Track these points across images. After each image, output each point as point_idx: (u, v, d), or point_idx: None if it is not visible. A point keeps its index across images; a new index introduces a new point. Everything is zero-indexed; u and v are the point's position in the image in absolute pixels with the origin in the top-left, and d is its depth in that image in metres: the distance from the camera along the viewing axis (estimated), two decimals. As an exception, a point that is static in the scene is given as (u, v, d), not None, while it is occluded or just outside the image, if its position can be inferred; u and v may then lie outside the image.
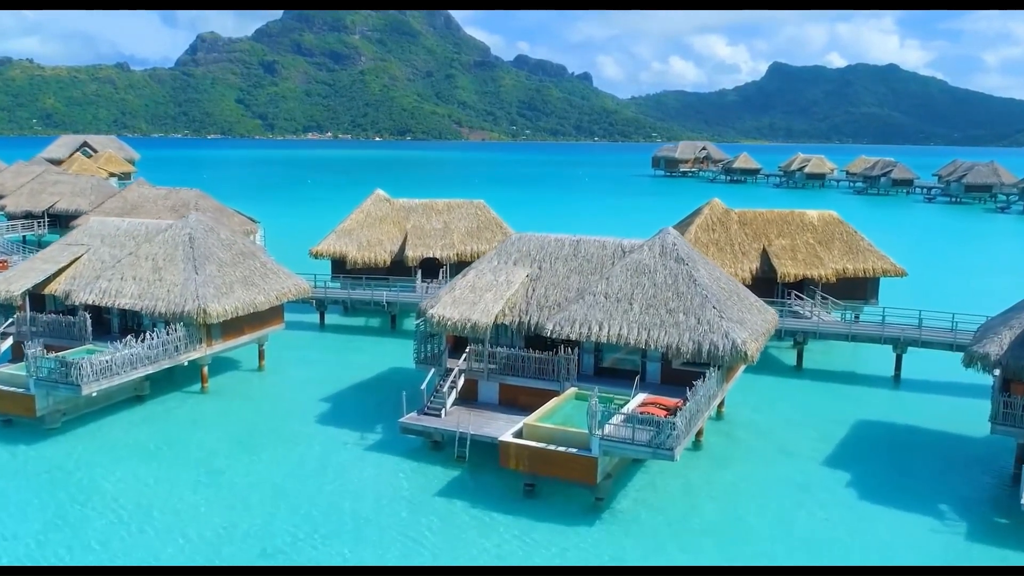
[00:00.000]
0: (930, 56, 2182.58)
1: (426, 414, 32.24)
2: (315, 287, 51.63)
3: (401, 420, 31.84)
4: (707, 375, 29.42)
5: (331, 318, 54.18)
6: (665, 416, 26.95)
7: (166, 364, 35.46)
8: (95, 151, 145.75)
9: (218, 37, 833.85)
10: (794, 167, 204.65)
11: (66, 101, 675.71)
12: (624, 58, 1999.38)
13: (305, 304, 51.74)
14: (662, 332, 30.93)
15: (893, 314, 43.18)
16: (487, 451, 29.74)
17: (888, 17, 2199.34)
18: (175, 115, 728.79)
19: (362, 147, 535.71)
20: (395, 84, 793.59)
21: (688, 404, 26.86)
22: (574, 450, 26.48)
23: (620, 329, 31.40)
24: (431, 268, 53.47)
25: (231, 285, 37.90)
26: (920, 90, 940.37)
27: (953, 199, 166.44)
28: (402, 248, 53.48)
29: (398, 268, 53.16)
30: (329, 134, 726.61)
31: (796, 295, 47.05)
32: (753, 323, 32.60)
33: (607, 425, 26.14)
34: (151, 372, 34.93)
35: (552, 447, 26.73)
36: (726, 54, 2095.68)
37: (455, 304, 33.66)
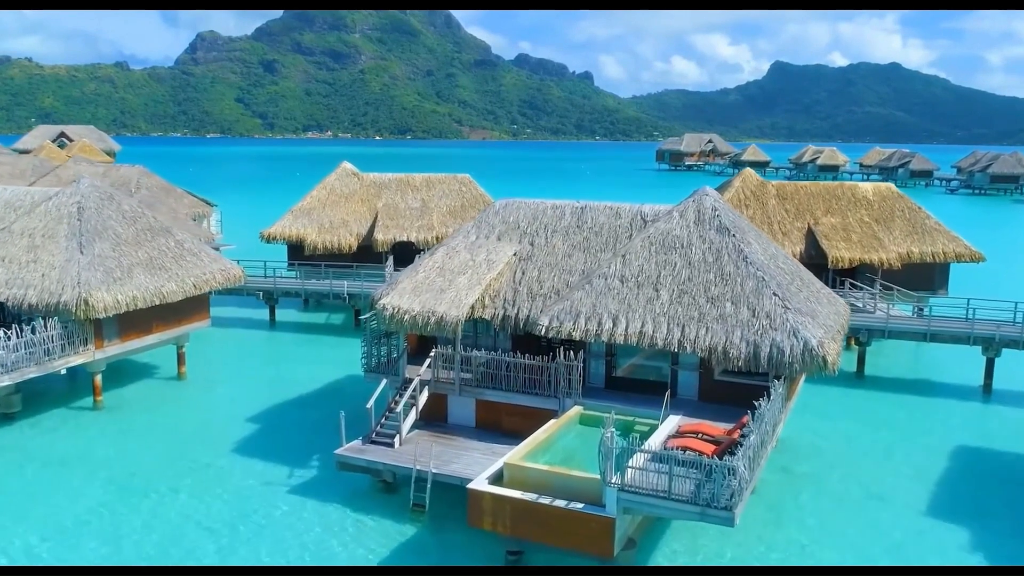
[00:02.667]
0: (933, 55, 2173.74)
1: (374, 443, 23.41)
2: (264, 276, 42.91)
3: (338, 452, 22.96)
4: (772, 390, 20.52)
5: (286, 314, 45.27)
6: (714, 454, 18.13)
7: (32, 373, 26.57)
8: (72, 141, 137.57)
9: (218, 36, 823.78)
10: (805, 159, 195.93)
11: (65, 100, 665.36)
12: (626, 57, 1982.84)
13: (252, 298, 43.04)
14: (702, 329, 22.08)
15: (977, 307, 34.42)
16: (457, 496, 20.91)
17: (890, 16, 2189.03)
18: (174, 114, 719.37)
19: (362, 145, 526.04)
20: (395, 83, 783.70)
21: (752, 436, 17.92)
22: (579, 505, 17.63)
23: (642, 324, 22.54)
24: (405, 254, 44.33)
25: (129, 269, 29.01)
26: (923, 89, 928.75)
27: (977, 190, 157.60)
28: (371, 230, 44.66)
29: (366, 254, 44.26)
30: (329, 133, 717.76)
31: (851, 284, 38.22)
32: (825, 317, 23.71)
33: (628, 468, 17.31)
34: (9, 384, 26.09)
35: (546, 500, 17.89)
36: (728, 53, 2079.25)
37: (417, 292, 24.81)
